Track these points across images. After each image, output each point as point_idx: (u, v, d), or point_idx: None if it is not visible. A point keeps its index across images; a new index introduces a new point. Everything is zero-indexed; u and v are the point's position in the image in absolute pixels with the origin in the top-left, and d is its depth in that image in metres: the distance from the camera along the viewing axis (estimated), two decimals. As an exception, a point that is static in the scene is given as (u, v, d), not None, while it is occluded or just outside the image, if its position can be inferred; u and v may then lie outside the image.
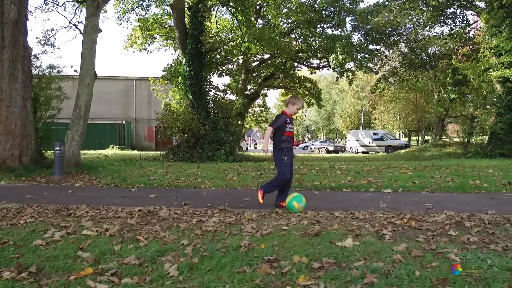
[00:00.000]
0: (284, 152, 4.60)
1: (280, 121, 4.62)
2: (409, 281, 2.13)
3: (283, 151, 4.60)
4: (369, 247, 2.74)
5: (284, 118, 4.65)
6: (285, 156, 4.58)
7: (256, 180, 7.54)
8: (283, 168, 4.58)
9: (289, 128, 4.68)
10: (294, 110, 4.74)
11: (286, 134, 4.64)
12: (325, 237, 3.03)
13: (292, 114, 4.76)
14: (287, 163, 4.59)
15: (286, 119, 4.65)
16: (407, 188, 6.60)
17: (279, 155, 4.61)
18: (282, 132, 4.62)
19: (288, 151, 4.64)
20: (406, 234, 3.20)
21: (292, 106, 4.71)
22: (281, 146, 4.61)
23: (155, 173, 8.75)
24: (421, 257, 2.55)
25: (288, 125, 4.66)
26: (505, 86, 14.36)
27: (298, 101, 4.81)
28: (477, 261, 2.44)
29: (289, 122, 4.69)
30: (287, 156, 4.60)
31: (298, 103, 4.75)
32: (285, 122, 4.62)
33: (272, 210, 4.42)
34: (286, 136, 4.65)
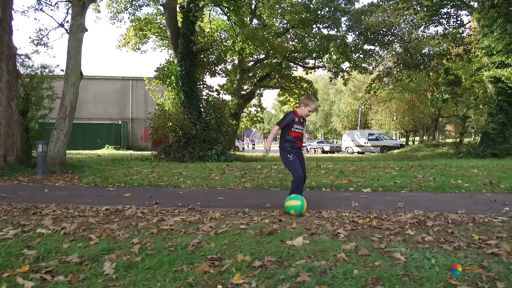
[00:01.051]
0: (288, 151, 4.35)
1: (287, 120, 4.36)
2: (343, 280, 2.10)
3: (286, 150, 4.37)
4: (318, 246, 2.71)
5: (292, 117, 4.36)
6: (290, 154, 4.33)
7: (239, 179, 7.51)
8: (292, 166, 4.32)
9: (295, 129, 4.38)
10: (305, 112, 4.41)
11: (292, 134, 4.37)
12: (279, 236, 3.00)
13: (304, 116, 4.46)
14: (294, 160, 4.31)
15: (294, 119, 4.35)
16: (387, 187, 6.57)
17: (284, 154, 4.39)
18: (287, 131, 4.37)
19: (292, 151, 4.37)
20: (363, 233, 3.17)
21: (304, 107, 4.40)
22: (284, 146, 4.39)
23: (140, 172, 8.73)
24: (366, 256, 2.52)
25: (295, 125, 4.36)
26: (497, 86, 14.32)
27: (311, 102, 4.44)
28: (422, 260, 2.41)
29: (298, 122, 4.39)
30: (292, 154, 4.33)
31: (310, 105, 4.40)
32: (293, 121, 4.34)
33: (241, 209, 4.39)
34: (292, 137, 4.37)
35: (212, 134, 14.99)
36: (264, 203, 4.97)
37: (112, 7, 18.11)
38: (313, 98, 4.64)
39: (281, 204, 4.86)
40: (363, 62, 22.60)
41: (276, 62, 25.30)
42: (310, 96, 4.71)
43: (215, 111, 15.74)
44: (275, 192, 6.17)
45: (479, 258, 2.47)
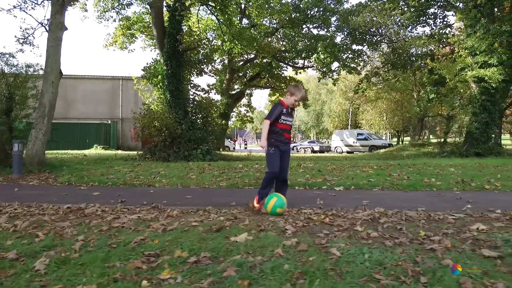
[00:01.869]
0: (271, 144, 4.09)
1: (276, 112, 4.09)
2: (270, 274, 2.11)
3: (269, 142, 4.10)
4: (259, 242, 2.72)
5: (280, 109, 4.10)
6: (272, 147, 4.08)
7: (215, 178, 7.52)
8: (270, 160, 4.09)
9: (283, 120, 4.14)
10: (292, 102, 4.17)
11: (279, 126, 4.12)
12: (226, 233, 3.02)
13: (290, 106, 4.21)
14: (274, 154, 4.07)
15: (283, 110, 4.11)
16: (360, 186, 6.61)
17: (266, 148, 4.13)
18: (275, 123, 4.11)
19: (275, 143, 4.11)
20: (312, 230, 3.19)
21: (290, 96, 4.16)
22: (269, 137, 4.11)
23: (118, 172, 8.69)
24: (304, 251, 2.54)
25: (283, 116, 4.12)
26: (480, 86, 14.44)
27: (298, 91, 4.16)
28: (357, 256, 2.43)
29: (286, 113, 4.15)
30: (274, 147, 4.09)
31: (297, 94, 4.14)
32: (281, 113, 4.10)
33: (203, 207, 4.39)
34: (279, 129, 4.13)
35: (198, 133, 14.97)
36: (231, 201, 4.97)
37: (99, 6, 18.03)
38: (300, 86, 4.33)
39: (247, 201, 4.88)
40: (351, 62, 22.69)
41: (266, 62, 25.32)
42: (296, 85, 4.39)
43: (201, 111, 15.71)
44: (248, 191, 6.18)
45: (414, 254, 2.50)
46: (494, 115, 14.75)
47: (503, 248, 2.65)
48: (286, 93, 4.26)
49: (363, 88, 22.06)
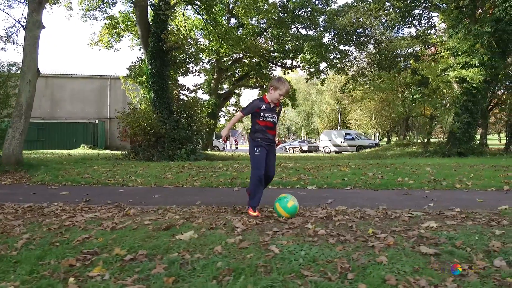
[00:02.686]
0: (256, 143, 3.85)
1: (251, 107, 3.83)
2: (200, 271, 2.12)
3: (255, 141, 3.87)
4: (203, 240, 2.73)
5: (258, 104, 3.83)
6: (257, 147, 3.83)
7: (191, 178, 7.51)
8: (255, 162, 3.83)
9: (264, 117, 3.82)
10: (276, 96, 3.81)
11: (260, 123, 3.84)
12: (174, 231, 3.02)
13: (274, 101, 3.85)
14: (260, 156, 3.81)
15: (261, 106, 3.81)
16: (333, 185, 6.65)
17: (251, 146, 3.90)
18: (255, 120, 3.86)
19: (261, 143, 3.86)
20: (263, 228, 3.21)
21: (274, 91, 3.80)
22: (254, 136, 3.89)
23: (96, 172, 8.63)
24: (244, 248, 2.55)
25: (263, 113, 3.81)
26: (462, 86, 14.60)
27: (282, 85, 3.80)
28: (295, 252, 2.45)
29: (266, 109, 3.82)
30: (261, 148, 3.84)
31: (281, 88, 3.78)
32: (259, 109, 3.80)
33: (164, 206, 4.38)
34: (261, 126, 3.84)
35: (182, 133, 14.93)
36: (199, 200, 4.97)
37: (84, 4, 17.90)
38: (284, 79, 3.96)
39: (215, 201, 4.89)
40: (339, 63, 22.80)
41: (254, 62, 25.34)
42: (279, 78, 4.02)
43: (186, 110, 15.67)
44: (219, 190, 6.18)
45: (352, 251, 2.53)
46: (476, 115, 14.93)
47: (444, 245, 2.69)
48: (269, 87, 3.90)
49: (349, 88, 22.17)
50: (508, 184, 6.55)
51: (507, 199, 5.15)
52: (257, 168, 3.80)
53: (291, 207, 3.63)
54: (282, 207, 3.65)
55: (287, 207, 3.62)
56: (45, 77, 29.24)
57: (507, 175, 7.70)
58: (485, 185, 6.53)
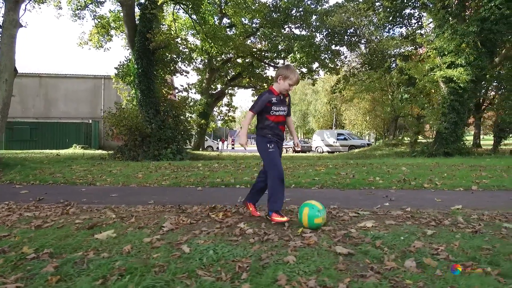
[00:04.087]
0: (268, 140, 3.45)
1: (261, 102, 3.41)
2: (93, 270, 2.08)
3: (266, 138, 3.47)
4: (118, 239, 2.69)
5: (268, 97, 3.42)
6: (270, 143, 3.43)
7: (161, 177, 7.46)
8: (270, 160, 3.40)
9: (274, 111, 3.44)
10: (285, 86, 3.42)
11: (270, 118, 3.45)
12: (96, 230, 2.98)
13: (283, 92, 3.46)
14: (274, 152, 3.42)
15: (271, 99, 3.42)
16: (301, 184, 6.59)
17: (262, 143, 3.46)
18: (265, 115, 3.46)
19: (272, 139, 3.47)
20: (194, 227, 3.16)
21: (283, 80, 3.40)
22: (264, 132, 3.49)
23: (71, 171, 8.61)
24: (156, 248, 2.51)
25: (274, 107, 3.42)
26: (449, 86, 14.53)
27: (292, 73, 3.40)
28: (204, 252, 2.40)
29: (277, 102, 3.43)
30: (273, 143, 3.45)
31: (291, 76, 3.39)
32: (270, 103, 3.41)
33: (111, 205, 4.34)
34: (271, 122, 3.45)
35: (169, 133, 14.91)
36: (155, 199, 4.93)
37: (73, 3, 17.89)
38: (293, 67, 3.58)
39: (170, 200, 4.85)
40: (331, 63, 22.75)
41: (247, 62, 25.32)
42: (288, 65, 3.61)
43: (172, 110, 15.64)
44: (183, 190, 6.14)
45: (264, 251, 2.48)
46: (463, 115, 14.85)
47: (364, 245, 2.65)
48: (277, 77, 3.47)
49: (340, 88, 22.11)
50: (477, 184, 6.50)
51: (466, 199, 5.11)
52: (274, 166, 3.37)
53: (316, 224, 3.14)
54: (309, 216, 3.15)
55: (313, 222, 3.13)
56: (39, 77, 29.29)
57: (481, 175, 7.65)
58: (454, 185, 6.47)
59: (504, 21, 13.34)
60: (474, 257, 2.40)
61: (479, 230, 3.13)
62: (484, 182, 6.74)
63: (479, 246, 2.62)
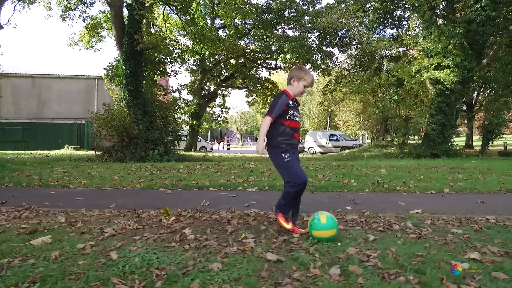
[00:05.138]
0: (283, 150, 3.10)
1: (280, 105, 3.06)
2: (9, 277, 2.07)
3: (279, 148, 3.11)
4: (52, 246, 2.68)
5: (286, 100, 3.10)
6: (285, 153, 3.09)
7: (137, 179, 7.45)
8: (290, 170, 3.09)
9: (291, 116, 3.13)
10: (300, 89, 3.18)
11: (287, 123, 3.11)
12: (36, 235, 2.97)
13: (297, 95, 3.22)
14: (292, 161, 3.10)
15: (289, 102, 3.11)
16: (275, 187, 6.56)
17: (277, 155, 3.13)
18: (281, 121, 3.11)
19: (288, 149, 3.12)
20: (137, 233, 3.15)
21: (298, 82, 3.16)
22: (277, 141, 3.12)
23: (50, 173, 8.60)
24: (86, 255, 2.50)
25: (290, 111, 3.12)
26: (436, 87, 14.55)
27: (306, 74, 3.18)
28: (130, 260, 2.39)
29: (293, 106, 3.15)
30: (289, 153, 3.10)
31: (306, 78, 3.16)
32: (287, 106, 3.10)
33: (68, 208, 4.33)
34: (288, 128, 3.12)
35: (156, 134, 14.89)
36: (120, 203, 4.92)
37: (62, 4, 17.87)
38: (306, 68, 3.37)
39: (133, 203, 4.84)
40: (322, 64, 22.76)
41: (240, 63, 25.31)
42: (301, 67, 3.36)
43: (160, 111, 15.63)
44: (153, 192, 6.12)
45: (193, 257, 2.47)
46: (451, 116, 14.87)
47: (298, 251, 2.64)
48: (290, 79, 3.21)
49: (331, 89, 22.12)
50: (451, 187, 6.50)
51: (433, 202, 5.11)
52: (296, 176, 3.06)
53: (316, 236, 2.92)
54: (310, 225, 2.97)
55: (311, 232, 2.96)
56: (32, 77, 29.25)
57: (457, 177, 7.66)
58: (427, 187, 6.46)
59: (490, 23, 13.37)
60: (402, 264, 2.39)
61: (424, 236, 3.13)
62: (458, 184, 6.75)
63: (414, 252, 2.62)
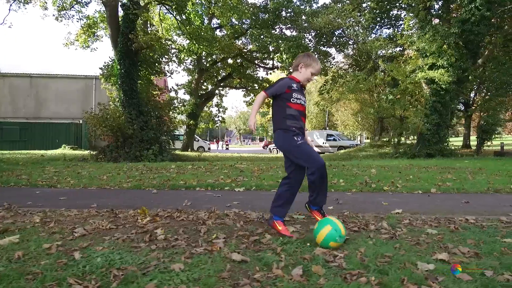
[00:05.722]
0: (293, 133, 2.96)
1: (280, 86, 2.97)
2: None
3: (290, 131, 2.97)
4: (18, 246, 2.67)
5: (288, 82, 3.00)
6: (297, 136, 2.95)
7: (126, 179, 7.44)
8: (304, 154, 2.94)
9: (296, 99, 2.99)
10: (307, 75, 3.07)
11: (293, 106, 2.98)
12: (8, 235, 2.95)
13: (304, 82, 3.10)
14: (304, 144, 2.96)
15: (292, 85, 2.99)
16: (263, 187, 6.54)
17: (286, 138, 2.95)
18: (286, 103, 2.97)
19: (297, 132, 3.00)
20: (110, 233, 3.14)
21: (305, 68, 3.05)
22: (286, 125, 2.98)
23: (40, 172, 8.59)
24: (50, 255, 2.48)
25: (294, 94, 2.98)
26: (431, 87, 14.52)
27: (314, 61, 3.07)
28: (91, 260, 2.37)
29: (296, 90, 3.01)
30: (301, 136, 2.98)
31: (314, 65, 3.05)
32: (290, 89, 2.97)
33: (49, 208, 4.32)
34: (295, 111, 2.98)
35: (151, 133, 14.88)
36: (102, 202, 4.91)
37: (58, 4, 17.86)
38: (313, 55, 3.22)
39: (115, 203, 4.83)
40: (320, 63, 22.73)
41: (237, 63, 25.30)
42: (308, 54, 3.19)
43: (155, 110, 15.62)
44: (141, 192, 6.11)
45: (160, 258, 2.46)
46: (446, 116, 14.84)
47: (265, 251, 2.62)
48: (297, 66, 3.10)
49: (327, 89, 22.11)
50: (439, 187, 6.48)
51: (417, 202, 5.09)
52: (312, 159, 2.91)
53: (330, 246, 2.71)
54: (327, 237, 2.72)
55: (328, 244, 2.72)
56: (29, 77, 29.25)
57: (446, 177, 7.64)
58: (415, 187, 6.44)
59: (485, 22, 13.33)
60: (367, 265, 2.37)
61: (397, 236, 3.11)
62: (447, 184, 6.73)
63: (382, 253, 2.60)
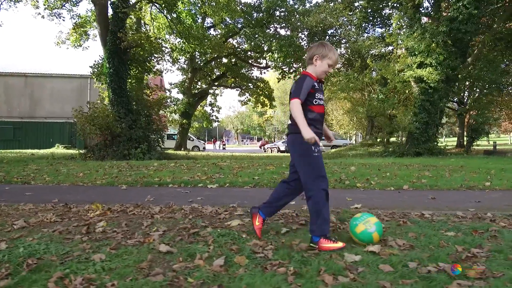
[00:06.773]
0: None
1: (306, 87, 2.59)
2: None
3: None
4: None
5: (311, 82, 2.63)
6: (315, 145, 2.58)
7: (101, 176, 7.43)
8: (314, 168, 2.63)
9: (318, 100, 2.68)
10: (324, 68, 2.68)
11: (315, 109, 2.66)
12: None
13: (320, 76, 2.71)
14: (319, 157, 2.66)
15: (314, 84, 2.65)
16: (236, 183, 6.55)
17: (304, 145, 2.57)
18: (307, 107, 2.64)
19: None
20: (51, 226, 3.13)
21: (321, 61, 2.67)
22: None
23: (20, 170, 8.59)
24: (12, 248, 2.47)
25: (317, 94, 2.65)
26: (420, 86, 14.50)
27: (330, 51, 2.69)
28: (15, 250, 2.36)
29: (318, 88, 2.70)
30: (318, 147, 2.64)
31: (331, 55, 2.66)
32: (314, 88, 2.64)
33: (12, 204, 4.31)
34: (316, 114, 2.67)
35: (140, 132, 14.88)
36: (65, 198, 4.89)
37: (50, 2, 17.87)
38: (329, 44, 2.80)
39: (79, 199, 4.82)
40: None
41: (231, 62, 25.30)
42: (323, 43, 2.79)
43: (143, 109, 15.62)
44: (111, 189, 6.10)
45: (82, 249, 2.45)
46: (434, 115, 14.82)
47: (196, 244, 2.61)
48: (312, 58, 2.70)
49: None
50: (413, 184, 6.47)
51: (383, 198, 5.10)
52: (321, 176, 2.62)
53: (360, 233, 2.61)
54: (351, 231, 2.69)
55: (356, 232, 2.64)
56: (24, 76, 29.29)
57: (423, 175, 7.62)
58: (388, 184, 6.44)
59: (473, 21, 13.31)
60: (293, 256, 2.36)
61: (339, 229, 3.11)
62: (422, 181, 6.72)
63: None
